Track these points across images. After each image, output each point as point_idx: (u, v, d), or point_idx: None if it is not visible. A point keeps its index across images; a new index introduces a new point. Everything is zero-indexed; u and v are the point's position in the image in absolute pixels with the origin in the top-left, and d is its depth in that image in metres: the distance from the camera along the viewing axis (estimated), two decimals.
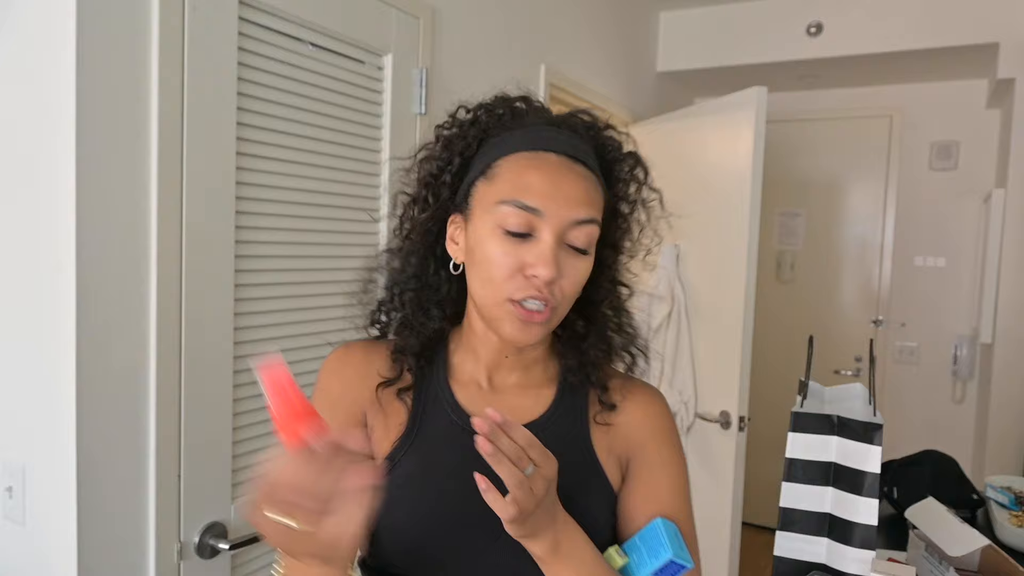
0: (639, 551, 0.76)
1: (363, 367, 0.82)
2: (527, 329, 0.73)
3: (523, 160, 0.74)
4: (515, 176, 0.74)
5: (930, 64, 3.15)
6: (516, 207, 0.72)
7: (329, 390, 0.82)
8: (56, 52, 1.07)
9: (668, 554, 0.72)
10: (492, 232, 0.73)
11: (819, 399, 1.12)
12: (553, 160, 0.74)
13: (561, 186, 0.73)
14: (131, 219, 1.13)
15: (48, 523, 1.14)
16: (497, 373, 0.83)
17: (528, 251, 0.72)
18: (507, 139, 0.77)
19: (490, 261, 0.73)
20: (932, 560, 1.18)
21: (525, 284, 0.72)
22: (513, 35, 2.20)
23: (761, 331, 3.01)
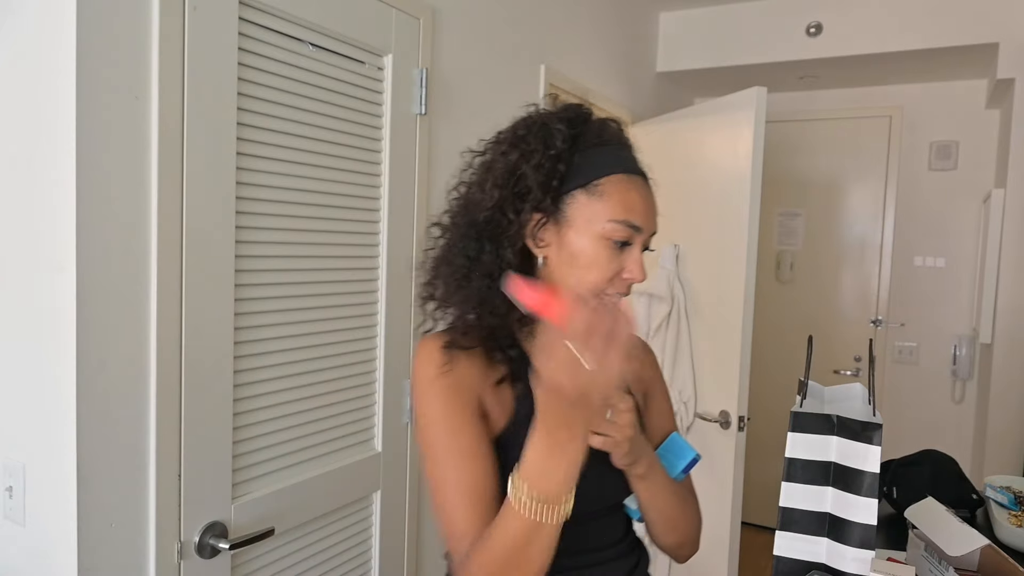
0: (667, 457, 1.04)
1: (464, 357, 0.90)
2: None
3: (624, 183, 0.90)
4: (623, 198, 0.89)
5: (930, 64, 3.15)
6: (625, 225, 0.88)
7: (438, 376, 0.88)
8: (56, 52, 1.07)
9: (693, 453, 1.04)
10: (598, 241, 0.88)
11: (819, 399, 1.12)
12: (641, 183, 0.92)
13: (651, 206, 0.92)
14: (131, 219, 1.13)
15: (48, 523, 1.14)
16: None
17: (625, 258, 0.89)
18: (603, 158, 0.90)
19: (597, 265, 0.88)
20: (932, 560, 1.18)
21: (620, 283, 0.90)
22: (513, 35, 2.20)
23: (760, 331, 3.02)
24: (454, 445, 0.86)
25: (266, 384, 1.39)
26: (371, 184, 1.63)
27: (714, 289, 2.59)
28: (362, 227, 1.61)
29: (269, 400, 1.39)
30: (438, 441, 0.87)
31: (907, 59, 3.05)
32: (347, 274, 1.58)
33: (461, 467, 0.85)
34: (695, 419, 2.65)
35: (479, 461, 0.86)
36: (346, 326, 1.58)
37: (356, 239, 1.60)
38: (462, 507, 0.83)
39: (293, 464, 1.46)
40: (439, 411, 0.87)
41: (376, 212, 1.65)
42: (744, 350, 2.43)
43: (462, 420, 0.87)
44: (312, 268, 1.48)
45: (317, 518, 1.52)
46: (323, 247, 1.50)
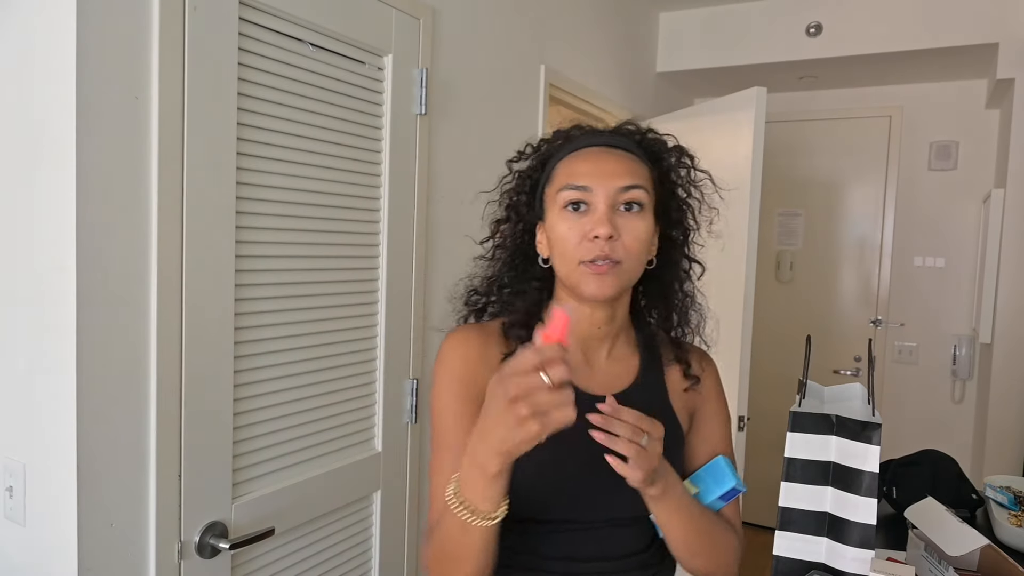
0: (704, 481, 0.98)
1: (482, 348, 0.95)
2: (602, 281, 0.88)
3: (571, 157, 0.94)
4: (567, 168, 0.93)
5: (929, 64, 3.15)
6: (570, 189, 0.90)
7: (453, 368, 0.94)
8: (56, 52, 1.07)
9: (732, 482, 0.97)
10: (558, 215, 0.91)
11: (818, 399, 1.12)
12: (593, 150, 0.93)
13: (603, 165, 0.91)
14: (131, 219, 1.13)
15: (48, 523, 1.14)
16: (590, 347, 0.97)
17: (587, 220, 0.89)
18: (563, 152, 0.96)
19: (561, 237, 0.90)
20: (931, 560, 1.18)
21: (591, 247, 0.88)
22: (513, 35, 2.20)
23: (760, 331, 3.01)
24: (451, 438, 0.91)
25: (266, 384, 1.39)
26: (371, 184, 1.63)
27: (714, 289, 2.58)
28: (362, 227, 1.61)
29: (269, 400, 1.39)
30: (438, 430, 0.94)
31: (907, 59, 3.05)
32: (347, 274, 1.58)
33: (450, 459, 0.89)
34: None
35: None
36: (346, 326, 1.58)
37: (356, 239, 1.60)
38: (441, 493, 0.87)
39: (293, 464, 1.46)
40: (445, 403, 0.93)
41: (376, 212, 1.65)
42: (744, 350, 2.43)
43: (464, 415, 0.91)
44: (312, 268, 1.48)
45: (317, 518, 1.52)
46: (323, 247, 1.50)
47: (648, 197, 0.92)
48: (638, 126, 1.02)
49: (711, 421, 1.05)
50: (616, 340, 1.00)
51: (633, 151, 0.95)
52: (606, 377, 0.98)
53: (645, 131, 1.01)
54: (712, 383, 1.07)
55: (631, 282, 0.94)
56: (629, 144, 0.96)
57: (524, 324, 0.96)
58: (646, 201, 0.91)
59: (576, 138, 0.98)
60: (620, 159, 0.92)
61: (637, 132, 1.00)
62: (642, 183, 0.91)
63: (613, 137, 0.96)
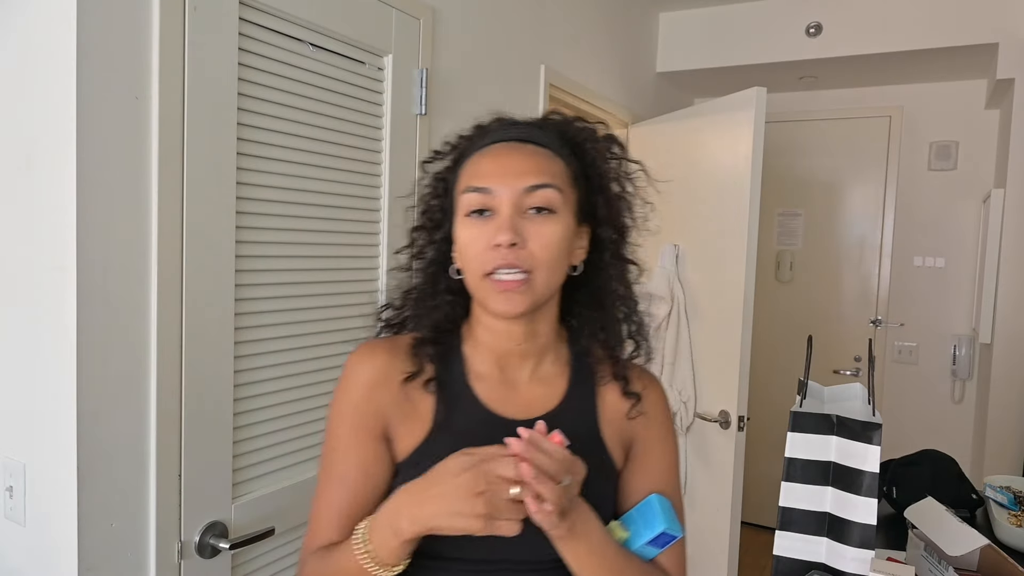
0: (635, 523, 0.85)
1: (387, 367, 0.86)
2: (509, 298, 0.79)
3: (477, 155, 0.85)
4: (470, 169, 0.84)
5: (929, 64, 3.15)
6: (471, 192, 0.81)
7: (350, 394, 0.86)
8: (56, 52, 1.07)
9: (662, 526, 0.83)
10: (461, 223, 0.83)
11: (818, 399, 1.12)
12: (500, 147, 0.84)
13: (506, 163, 0.81)
14: (132, 219, 1.13)
15: (48, 523, 1.14)
16: (509, 364, 0.88)
17: (491, 227, 0.79)
18: (471, 148, 0.87)
19: (465, 245, 0.82)
20: (931, 560, 1.18)
21: (494, 255, 0.79)
22: (513, 35, 2.20)
23: (760, 331, 3.02)
24: (340, 469, 0.85)
25: (266, 384, 1.39)
26: (371, 184, 1.63)
27: (714, 289, 2.59)
28: (362, 227, 1.61)
29: (269, 400, 1.39)
30: (328, 456, 0.87)
31: (907, 59, 3.05)
32: (347, 274, 1.58)
33: (337, 488, 0.85)
34: (695, 419, 2.66)
35: (355, 488, 0.84)
36: (346, 326, 1.58)
37: (356, 239, 1.60)
38: (325, 519, 0.84)
39: (293, 464, 1.46)
40: (337, 431, 0.86)
41: (376, 212, 1.65)
42: (744, 350, 2.43)
43: (355, 448, 0.85)
44: (312, 268, 1.48)
45: None
46: (323, 247, 1.50)
47: (562, 198, 0.81)
48: (563, 115, 0.92)
49: (652, 452, 0.91)
50: (541, 358, 0.89)
51: (548, 145, 0.85)
52: (527, 399, 0.87)
53: (571, 120, 0.91)
54: (656, 408, 0.93)
55: (547, 294, 0.83)
56: (545, 137, 0.86)
57: (434, 341, 0.88)
58: (558, 203, 0.81)
59: (489, 132, 0.88)
60: (528, 155, 0.82)
61: (561, 122, 0.90)
62: (553, 181, 0.81)
63: (526, 130, 0.86)
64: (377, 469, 0.85)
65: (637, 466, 0.90)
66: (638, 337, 0.92)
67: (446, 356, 0.88)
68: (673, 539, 0.83)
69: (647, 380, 0.94)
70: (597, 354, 0.91)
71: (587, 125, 0.90)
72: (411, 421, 0.85)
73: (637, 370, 0.93)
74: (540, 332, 0.87)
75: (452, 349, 0.89)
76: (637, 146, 3.08)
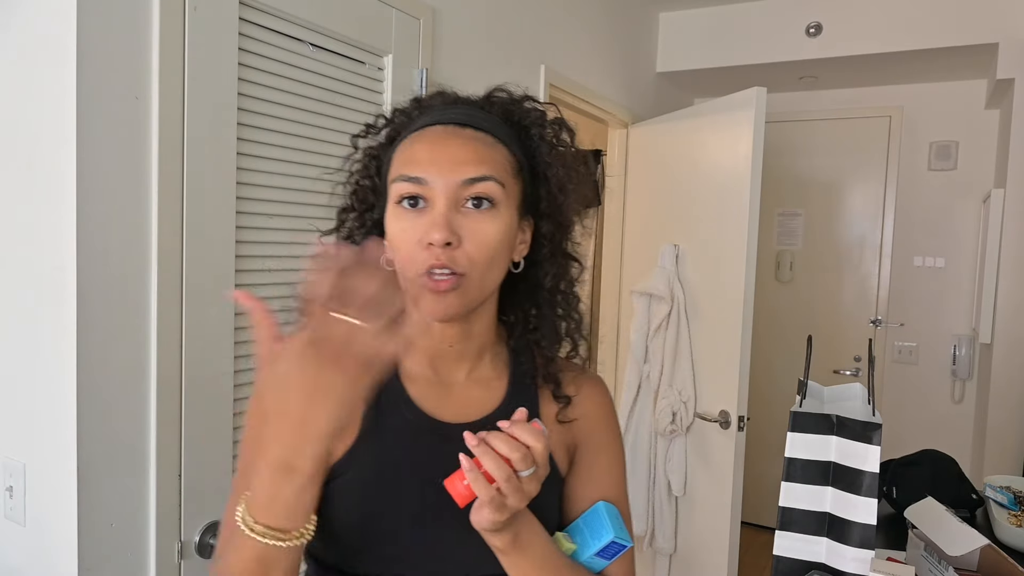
0: (582, 533, 0.80)
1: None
2: (441, 300, 0.72)
3: (413, 138, 0.76)
4: (404, 153, 0.75)
5: (929, 64, 3.15)
6: (402, 180, 0.73)
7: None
8: (56, 52, 1.07)
9: (610, 535, 0.77)
10: (392, 213, 0.75)
11: (818, 399, 1.12)
12: (437, 131, 0.75)
13: (443, 151, 0.73)
14: (132, 219, 1.13)
15: (48, 523, 1.14)
16: (444, 365, 0.81)
17: (425, 221, 0.72)
18: (409, 127, 0.79)
19: (395, 239, 0.74)
20: (931, 560, 1.18)
21: (427, 255, 0.71)
22: (513, 35, 2.20)
23: (760, 331, 3.01)
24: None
25: None
26: None
27: (714, 289, 2.59)
28: None
29: None
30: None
31: (907, 59, 3.05)
32: None
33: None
34: (695, 419, 2.66)
35: None
36: None
37: None
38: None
39: None
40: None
41: None
42: (744, 350, 2.43)
43: None
44: None
45: None
46: None
47: (503, 191, 0.74)
48: (510, 93, 0.83)
49: (597, 459, 0.85)
50: (478, 359, 0.82)
51: (492, 131, 0.77)
52: (463, 401, 0.80)
53: (518, 100, 0.82)
54: (597, 410, 0.87)
55: (483, 296, 0.77)
56: (488, 121, 0.77)
57: None
58: (499, 196, 0.73)
59: (428, 110, 0.80)
60: (468, 143, 0.74)
61: (508, 101, 0.81)
62: (494, 173, 0.73)
63: (468, 111, 0.78)
64: None
65: (582, 473, 0.84)
66: (576, 336, 0.86)
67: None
68: (623, 549, 0.78)
69: (586, 381, 0.88)
70: (534, 354, 0.85)
71: (535, 106, 0.82)
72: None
73: (574, 372, 0.87)
74: (476, 332, 0.81)
75: None
76: (637, 146, 3.08)
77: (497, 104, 0.81)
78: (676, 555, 2.80)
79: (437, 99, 0.82)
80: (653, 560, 2.88)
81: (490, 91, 0.83)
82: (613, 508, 0.82)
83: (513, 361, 0.85)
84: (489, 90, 0.83)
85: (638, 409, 2.87)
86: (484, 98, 0.82)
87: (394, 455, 0.76)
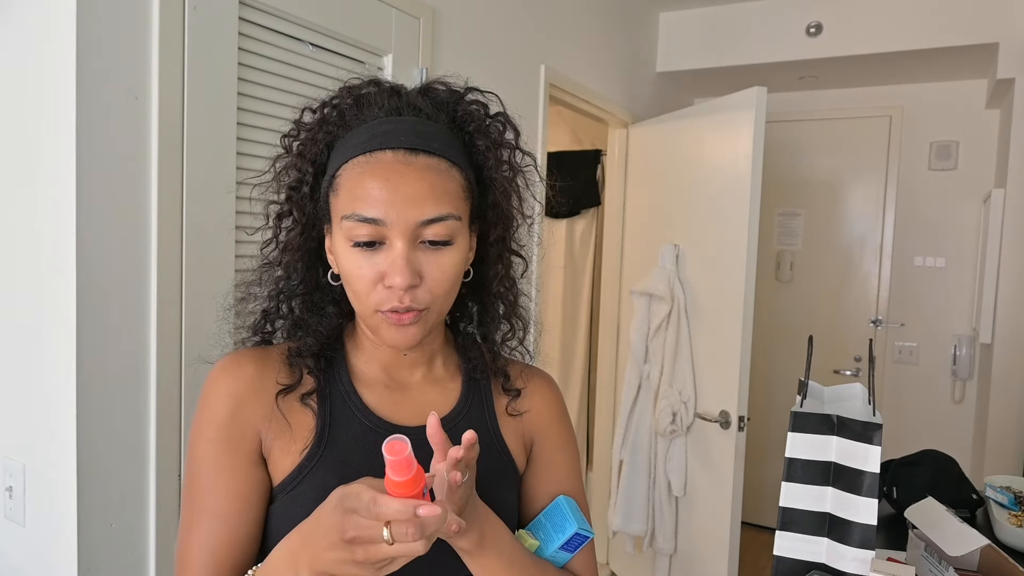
0: (545, 528, 0.81)
1: (256, 380, 0.75)
2: (405, 331, 0.72)
3: (359, 166, 0.70)
4: (353, 186, 0.70)
5: (930, 64, 3.15)
6: (356, 220, 0.69)
7: (215, 411, 0.74)
8: (56, 52, 1.07)
9: (574, 527, 0.78)
10: (345, 248, 0.71)
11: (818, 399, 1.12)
12: (388, 159, 0.69)
13: (399, 188, 0.68)
14: (131, 219, 1.13)
15: (48, 523, 1.14)
16: (399, 371, 0.81)
17: (382, 260, 0.69)
18: (348, 141, 0.73)
19: (350, 275, 0.71)
20: (932, 560, 1.18)
21: (388, 295, 0.70)
22: (513, 35, 2.20)
23: (760, 331, 3.02)
24: (209, 501, 0.72)
25: None
26: None
27: (714, 289, 2.59)
28: None
29: None
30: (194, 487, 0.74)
31: (907, 59, 3.05)
32: None
33: (208, 525, 0.72)
34: (695, 419, 2.66)
35: (230, 522, 0.72)
36: None
37: None
38: (197, 565, 0.71)
39: None
40: (204, 456, 0.73)
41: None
42: (744, 350, 2.43)
43: (224, 472, 0.72)
44: None
45: None
46: None
47: (460, 224, 0.71)
48: (449, 87, 0.79)
49: (555, 456, 0.86)
50: (432, 361, 0.83)
51: (444, 152, 0.72)
52: (420, 404, 0.80)
53: (460, 96, 0.79)
54: (550, 407, 0.88)
55: (442, 317, 0.77)
56: (438, 139, 0.72)
57: (317, 354, 0.78)
58: (456, 229, 0.71)
59: (371, 122, 0.73)
60: (423, 175, 0.69)
61: (451, 102, 0.78)
62: (452, 210, 0.70)
63: (416, 126, 0.72)
64: (254, 498, 0.73)
65: (541, 470, 0.85)
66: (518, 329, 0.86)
67: (327, 363, 0.79)
68: (586, 540, 0.79)
69: (533, 375, 0.88)
70: (482, 350, 0.85)
71: (478, 103, 0.79)
72: (287, 437, 0.74)
73: (522, 366, 0.88)
74: (429, 339, 0.80)
75: (335, 355, 0.80)
76: (637, 146, 3.08)
77: (440, 104, 0.77)
78: (676, 555, 2.80)
79: (375, 95, 0.75)
80: (653, 560, 2.88)
81: (429, 84, 0.79)
82: (572, 501, 0.83)
83: (463, 360, 0.85)
84: (428, 83, 0.79)
85: (638, 409, 2.87)
86: (427, 101, 0.76)
87: (353, 463, 0.74)
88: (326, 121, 0.76)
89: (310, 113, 0.79)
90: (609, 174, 3.22)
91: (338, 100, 0.77)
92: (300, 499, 0.72)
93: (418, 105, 0.75)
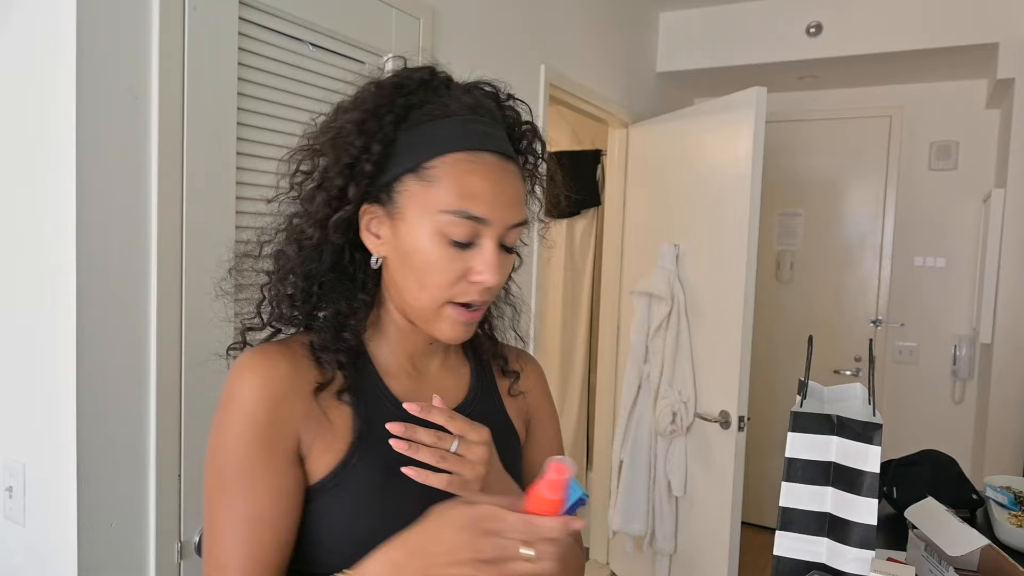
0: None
1: (292, 378, 0.73)
2: (468, 327, 0.76)
3: (463, 163, 0.71)
4: (457, 183, 0.70)
5: (930, 64, 3.15)
6: (463, 217, 0.70)
7: (251, 411, 0.70)
8: (56, 52, 1.07)
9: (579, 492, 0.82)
10: (433, 238, 0.71)
11: (819, 399, 1.12)
12: (490, 162, 0.72)
13: (503, 191, 0.72)
14: (131, 219, 1.13)
15: (48, 523, 1.14)
16: (422, 359, 0.84)
17: (472, 257, 0.72)
18: (438, 133, 0.72)
19: (434, 267, 0.71)
20: (932, 560, 1.18)
21: (469, 288, 0.73)
22: (513, 35, 2.20)
23: (760, 331, 3.02)
24: (247, 508, 0.69)
25: None
26: None
27: (714, 289, 2.59)
28: None
29: None
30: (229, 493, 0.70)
31: (907, 59, 3.05)
32: None
33: (249, 531, 0.69)
34: (695, 419, 2.66)
35: (275, 527, 0.70)
36: None
37: None
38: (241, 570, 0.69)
39: None
40: (240, 460, 0.70)
41: None
42: (744, 350, 2.43)
43: (264, 476, 0.70)
44: None
45: None
46: None
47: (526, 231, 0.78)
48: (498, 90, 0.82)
49: (546, 428, 0.94)
50: (448, 350, 0.87)
51: (516, 158, 0.77)
52: (441, 391, 0.82)
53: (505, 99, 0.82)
54: (540, 386, 0.96)
55: None
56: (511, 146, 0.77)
57: (351, 351, 0.76)
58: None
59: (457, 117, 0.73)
60: (514, 180, 0.74)
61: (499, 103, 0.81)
62: (528, 216, 0.77)
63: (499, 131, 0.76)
64: (298, 499, 0.72)
65: (535, 441, 0.93)
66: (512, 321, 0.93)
67: (353, 357, 0.78)
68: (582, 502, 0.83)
69: (526, 358, 0.96)
70: (480, 337, 0.90)
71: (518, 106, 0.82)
72: (328, 435, 0.73)
73: (515, 350, 0.95)
74: None
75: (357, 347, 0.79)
76: (637, 146, 3.08)
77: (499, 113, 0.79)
78: (676, 555, 2.80)
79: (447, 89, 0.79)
80: (653, 560, 2.88)
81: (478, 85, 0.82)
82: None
83: (467, 346, 0.91)
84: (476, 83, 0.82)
85: (638, 409, 2.87)
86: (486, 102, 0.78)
87: (394, 456, 0.74)
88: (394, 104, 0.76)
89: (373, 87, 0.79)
90: (609, 174, 3.22)
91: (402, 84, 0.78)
92: (344, 496, 0.72)
93: (488, 108, 0.77)
